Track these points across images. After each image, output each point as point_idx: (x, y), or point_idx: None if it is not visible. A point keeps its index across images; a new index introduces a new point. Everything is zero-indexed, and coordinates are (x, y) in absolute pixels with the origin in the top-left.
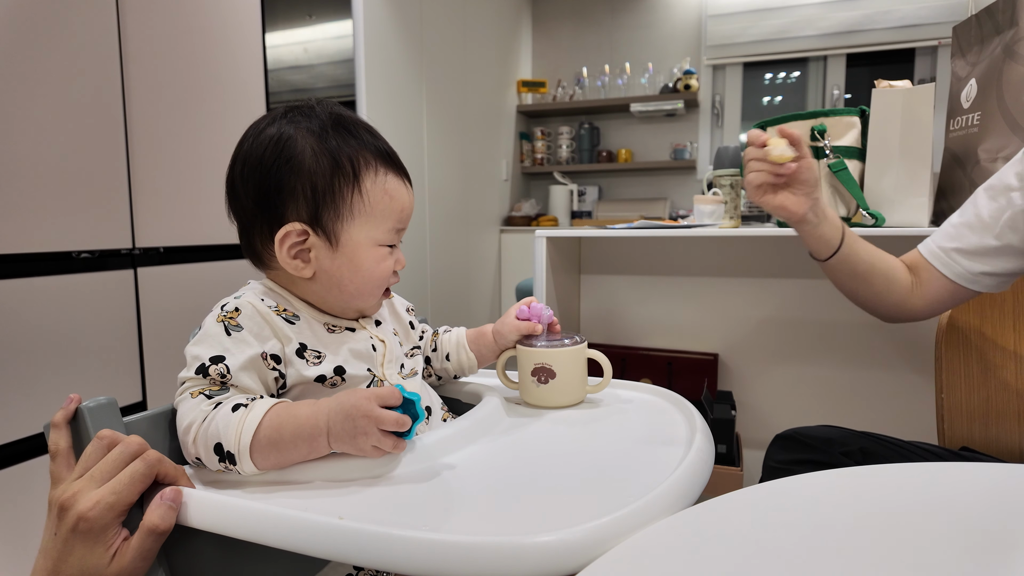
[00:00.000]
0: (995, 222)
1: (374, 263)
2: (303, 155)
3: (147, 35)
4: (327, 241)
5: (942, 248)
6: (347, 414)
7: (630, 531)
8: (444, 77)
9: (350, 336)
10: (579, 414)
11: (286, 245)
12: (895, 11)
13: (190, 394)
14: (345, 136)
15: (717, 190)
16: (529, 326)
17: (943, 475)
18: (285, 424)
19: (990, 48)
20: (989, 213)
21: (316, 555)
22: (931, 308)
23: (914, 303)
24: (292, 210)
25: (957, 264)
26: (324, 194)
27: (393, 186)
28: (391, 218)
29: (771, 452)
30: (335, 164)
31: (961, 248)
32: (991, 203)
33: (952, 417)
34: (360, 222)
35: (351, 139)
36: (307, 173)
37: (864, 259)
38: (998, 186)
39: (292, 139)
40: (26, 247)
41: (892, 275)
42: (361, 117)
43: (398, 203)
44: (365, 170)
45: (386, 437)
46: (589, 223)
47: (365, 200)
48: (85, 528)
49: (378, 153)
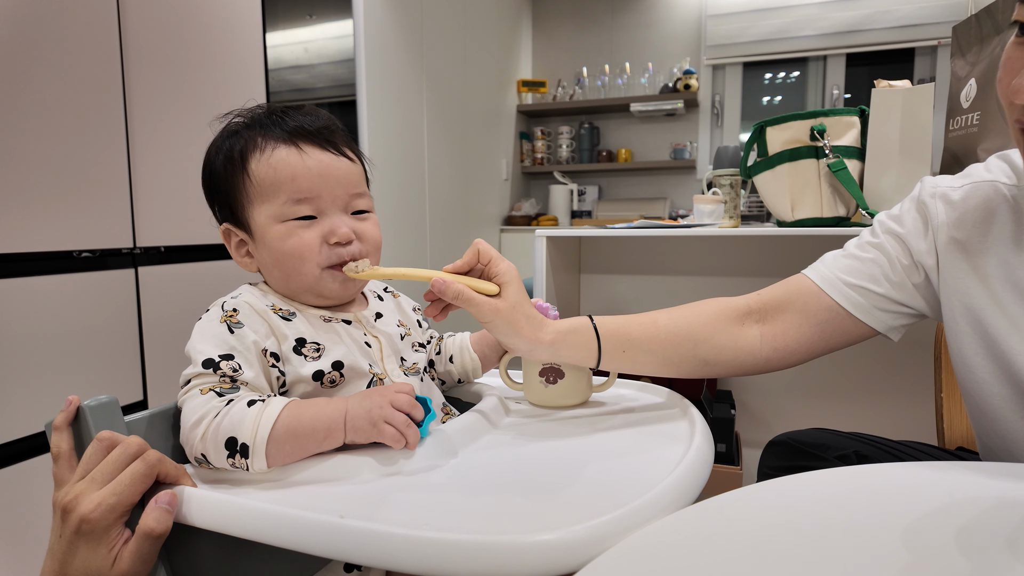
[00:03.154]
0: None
1: (281, 240)
2: (216, 161)
3: (148, 34)
4: (246, 233)
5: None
6: (366, 394)
7: (630, 530)
8: (444, 77)
9: (346, 329)
10: (579, 413)
11: (232, 246)
12: (895, 11)
13: (199, 390)
14: (243, 131)
15: (717, 190)
16: None
17: (942, 475)
18: (304, 413)
19: (990, 48)
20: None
21: (317, 554)
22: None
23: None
24: (222, 212)
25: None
26: (228, 190)
27: (278, 157)
28: (282, 189)
29: (765, 459)
30: (228, 159)
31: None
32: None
33: (952, 417)
34: (258, 204)
35: (246, 131)
36: (217, 176)
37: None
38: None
39: (213, 149)
40: (26, 246)
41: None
42: (319, 107)
43: (285, 172)
44: (252, 153)
45: (398, 414)
46: (589, 223)
47: (254, 181)
48: (88, 530)
49: (268, 133)
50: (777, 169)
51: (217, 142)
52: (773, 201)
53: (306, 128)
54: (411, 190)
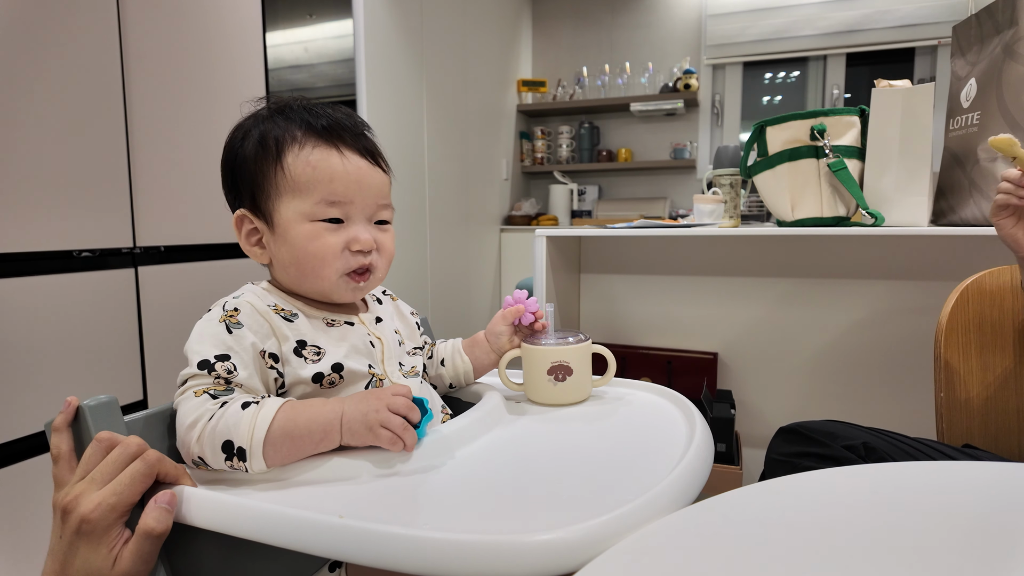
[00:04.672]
0: None
1: (307, 240)
2: (243, 145)
3: (148, 34)
4: (265, 223)
5: None
6: (362, 397)
7: (629, 530)
8: (444, 76)
9: (349, 330)
10: (579, 412)
11: (242, 233)
12: (895, 10)
13: (193, 393)
14: (277, 119)
15: (717, 189)
16: (514, 310)
17: (944, 474)
18: (300, 415)
19: (990, 48)
20: None
21: (316, 553)
22: None
23: None
24: (240, 198)
25: None
26: (254, 177)
27: (319, 157)
28: (317, 189)
29: (774, 445)
30: (261, 146)
31: None
32: None
33: (951, 416)
34: (287, 198)
35: (282, 120)
36: (242, 160)
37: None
38: None
39: (240, 132)
40: (27, 246)
41: None
42: (346, 107)
43: (324, 172)
44: (289, 146)
45: (394, 418)
46: (589, 222)
47: (288, 175)
48: (88, 530)
49: (309, 128)
50: (777, 169)
51: (245, 126)
52: (773, 201)
53: (347, 130)
54: (411, 190)
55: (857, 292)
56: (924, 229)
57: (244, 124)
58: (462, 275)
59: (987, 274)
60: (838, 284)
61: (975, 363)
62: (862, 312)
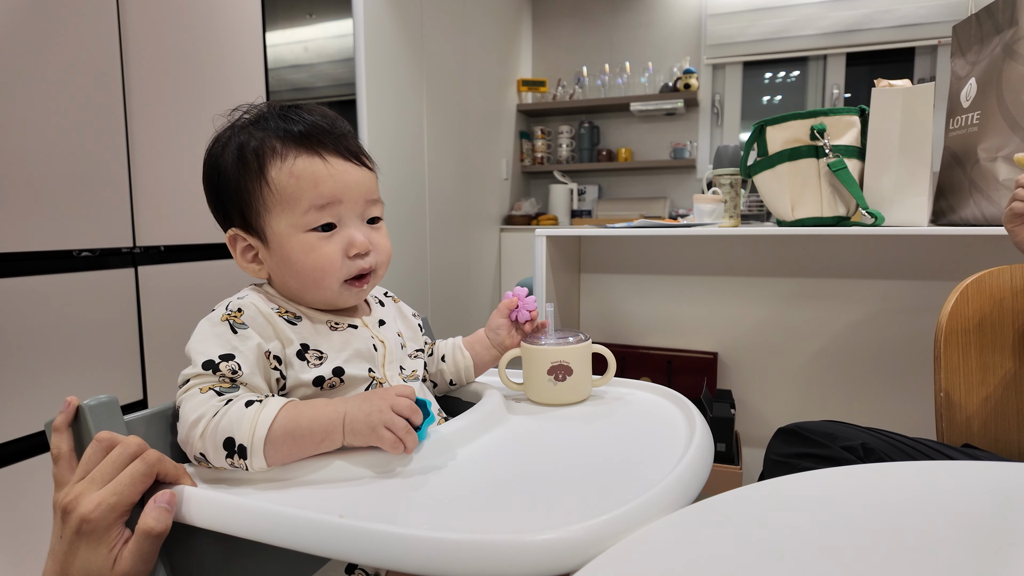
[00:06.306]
0: None
1: (304, 253)
2: (223, 161)
3: (148, 33)
4: (259, 240)
5: None
6: (366, 397)
7: (629, 529)
8: (444, 76)
9: (352, 334)
10: (579, 412)
11: (237, 251)
12: (895, 10)
13: (198, 390)
14: (253, 130)
15: (717, 189)
16: (507, 302)
17: (944, 474)
18: (302, 415)
19: (990, 47)
20: None
21: (316, 553)
22: None
23: None
24: (230, 217)
25: None
26: (240, 195)
27: (302, 167)
28: (305, 197)
29: (772, 445)
30: (241, 162)
31: None
32: None
33: (951, 416)
34: (277, 213)
35: (258, 132)
36: (225, 179)
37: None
38: None
39: (218, 145)
40: (26, 245)
41: None
42: (308, 104)
43: (308, 180)
44: (271, 160)
45: (398, 419)
46: (589, 222)
47: (273, 189)
48: (88, 530)
49: (287, 136)
50: (777, 168)
51: (223, 139)
52: (773, 200)
53: (327, 133)
54: (411, 189)
55: (857, 292)
56: (924, 229)
57: (221, 138)
58: (462, 275)
59: (987, 274)
60: (838, 284)
61: (975, 363)
62: (862, 312)
